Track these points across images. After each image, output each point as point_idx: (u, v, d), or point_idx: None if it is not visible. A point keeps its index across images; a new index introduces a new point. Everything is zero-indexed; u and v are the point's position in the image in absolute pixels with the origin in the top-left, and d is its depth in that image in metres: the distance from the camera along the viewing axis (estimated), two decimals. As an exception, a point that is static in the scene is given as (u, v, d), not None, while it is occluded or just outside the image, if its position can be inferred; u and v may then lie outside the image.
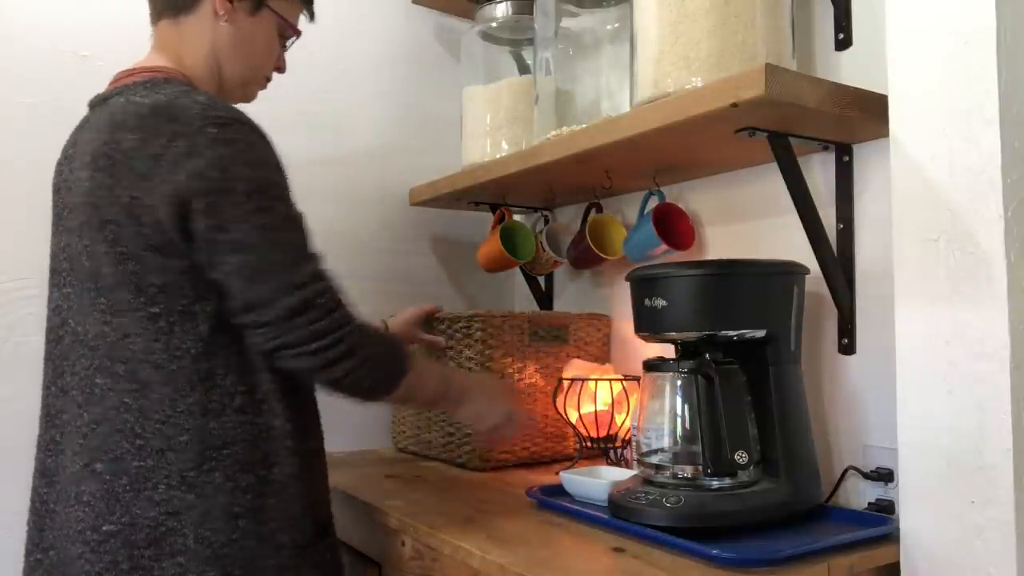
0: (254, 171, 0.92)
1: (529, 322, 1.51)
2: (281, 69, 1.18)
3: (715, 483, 1.02)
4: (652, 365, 1.11)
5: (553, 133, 1.37)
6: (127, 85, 0.99)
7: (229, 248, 0.90)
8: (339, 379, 0.95)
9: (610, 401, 1.42)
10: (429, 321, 1.55)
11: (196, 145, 0.89)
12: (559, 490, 1.20)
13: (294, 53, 1.67)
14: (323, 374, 0.95)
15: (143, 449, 0.90)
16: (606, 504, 1.09)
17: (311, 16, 1.20)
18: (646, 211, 1.42)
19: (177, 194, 0.88)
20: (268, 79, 1.17)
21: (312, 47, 1.71)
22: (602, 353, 1.61)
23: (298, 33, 1.16)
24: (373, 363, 0.97)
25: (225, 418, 0.93)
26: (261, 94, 1.63)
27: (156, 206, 0.89)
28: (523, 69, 1.71)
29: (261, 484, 0.94)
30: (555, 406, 1.48)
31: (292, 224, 0.95)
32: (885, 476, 1.09)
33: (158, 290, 0.91)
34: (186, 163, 0.88)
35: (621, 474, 1.20)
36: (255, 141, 0.94)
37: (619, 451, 1.45)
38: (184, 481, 0.91)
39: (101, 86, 1.04)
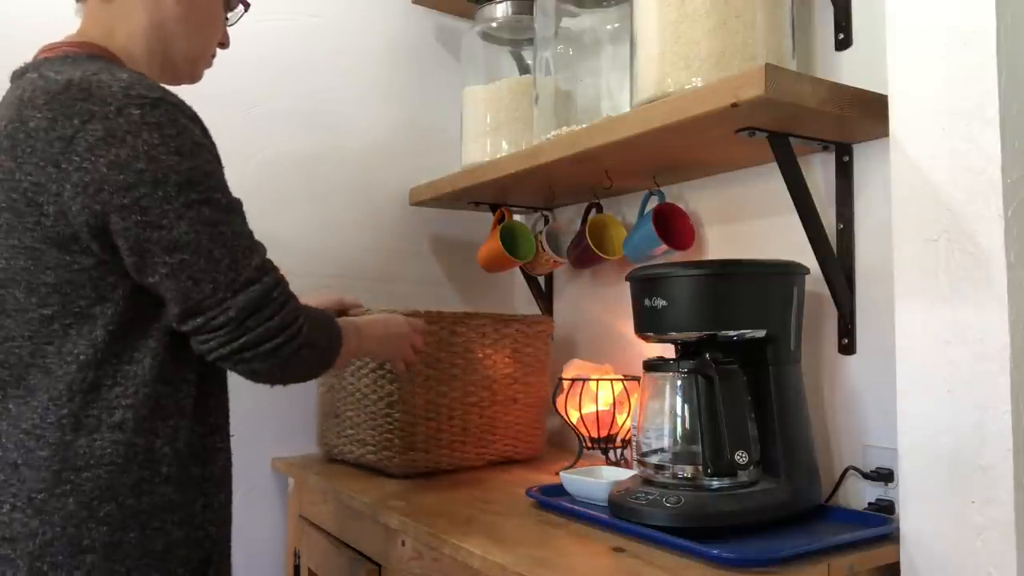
0: (186, 160, 0.83)
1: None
2: (224, 44, 1.09)
3: (715, 483, 1.02)
4: (652, 365, 1.11)
5: (553, 133, 1.37)
6: (46, 59, 0.89)
7: (164, 248, 0.81)
8: (292, 373, 0.91)
9: (611, 401, 1.42)
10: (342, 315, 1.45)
11: (115, 129, 0.79)
12: (559, 490, 1.20)
13: (294, 52, 1.69)
14: (277, 370, 0.89)
15: (1, 460, 0.82)
16: (606, 504, 1.09)
17: None
18: (646, 211, 1.42)
19: (95, 185, 0.79)
20: (213, 55, 1.08)
21: (312, 47, 1.71)
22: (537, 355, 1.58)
23: (246, 5, 1.09)
24: (321, 350, 0.94)
25: (98, 435, 0.83)
26: (262, 94, 1.64)
27: (64, 196, 0.80)
28: (523, 69, 1.71)
29: (123, 515, 0.84)
30: (555, 406, 1.48)
31: (231, 215, 0.87)
32: (885, 476, 1.09)
33: (51, 290, 0.82)
34: (105, 150, 0.79)
35: (621, 474, 1.20)
36: (186, 125, 0.84)
37: (619, 451, 1.45)
38: (31, 503, 0.81)
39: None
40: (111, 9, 0.95)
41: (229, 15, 1.08)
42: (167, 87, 0.88)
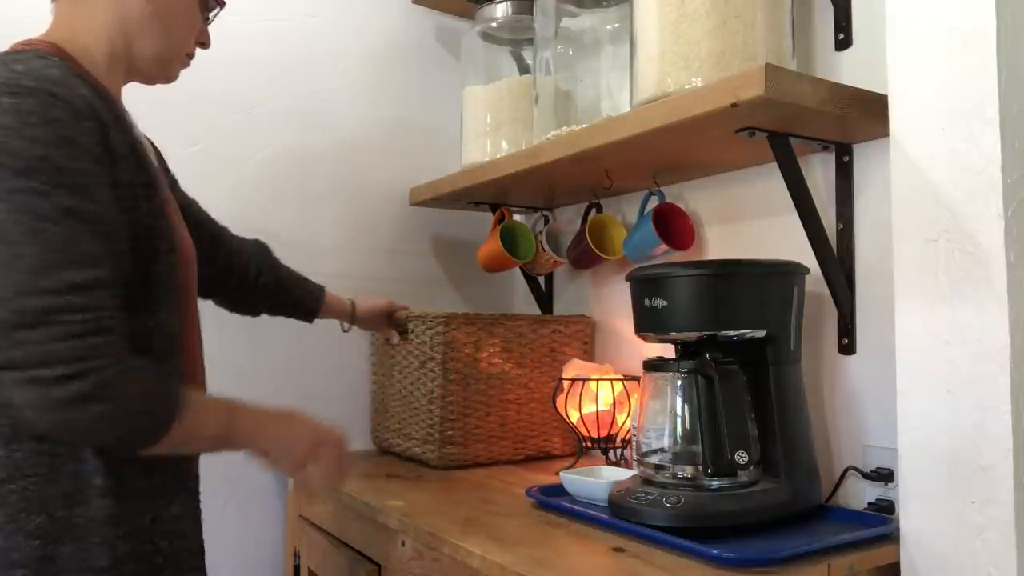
0: (38, 148, 0.77)
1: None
2: (205, 44, 1.05)
3: (715, 483, 1.02)
4: (652, 365, 1.11)
5: (553, 133, 1.37)
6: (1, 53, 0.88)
7: None
8: (74, 424, 0.76)
9: (611, 401, 1.42)
10: (391, 316, 1.57)
11: None
12: (559, 490, 1.20)
13: (294, 53, 1.69)
14: (50, 413, 0.74)
15: None
16: (606, 504, 1.09)
17: None
18: (646, 211, 1.42)
19: None
20: (190, 55, 1.04)
21: (312, 47, 1.71)
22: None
23: (221, 4, 1.05)
24: (128, 410, 0.78)
25: (16, 446, 0.79)
26: (262, 94, 1.64)
27: None
28: (523, 69, 1.71)
29: (55, 528, 0.80)
30: (555, 406, 1.48)
31: (69, 221, 0.77)
32: (885, 476, 1.09)
33: None
34: None
35: (621, 474, 1.20)
36: (60, 118, 0.79)
37: (619, 451, 1.45)
38: None
39: None
40: (76, 8, 0.94)
41: (209, 14, 1.05)
42: (101, 86, 0.86)
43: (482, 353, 1.51)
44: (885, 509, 1.09)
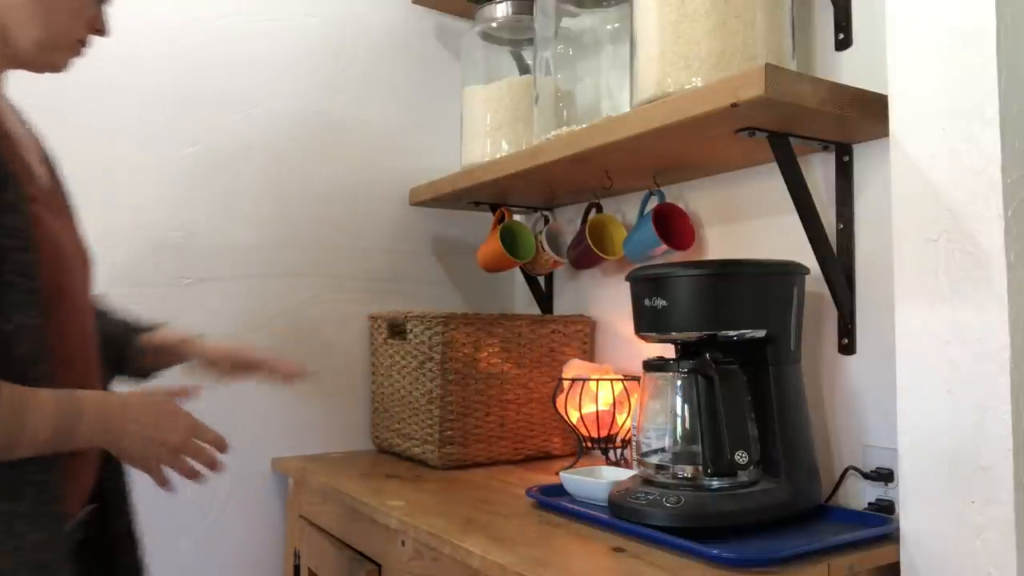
0: None
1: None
2: (101, 32, 0.98)
3: (715, 483, 1.02)
4: (652, 365, 1.11)
5: (553, 133, 1.37)
6: None
7: None
8: None
9: (611, 401, 1.42)
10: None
11: None
12: (559, 490, 1.20)
13: (294, 52, 1.69)
14: None
15: None
16: (606, 504, 1.09)
17: None
18: (646, 211, 1.42)
19: None
20: (82, 43, 0.97)
21: (312, 46, 1.71)
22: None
23: None
24: None
25: None
26: (262, 94, 1.64)
27: None
28: (523, 69, 1.71)
29: None
30: (555, 406, 1.48)
31: None
32: (885, 476, 1.09)
33: None
34: None
35: (621, 474, 1.20)
36: None
37: (619, 451, 1.45)
38: None
39: None
40: None
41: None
42: None
43: (481, 353, 1.52)
44: (885, 509, 1.09)
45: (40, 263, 0.85)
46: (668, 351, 1.16)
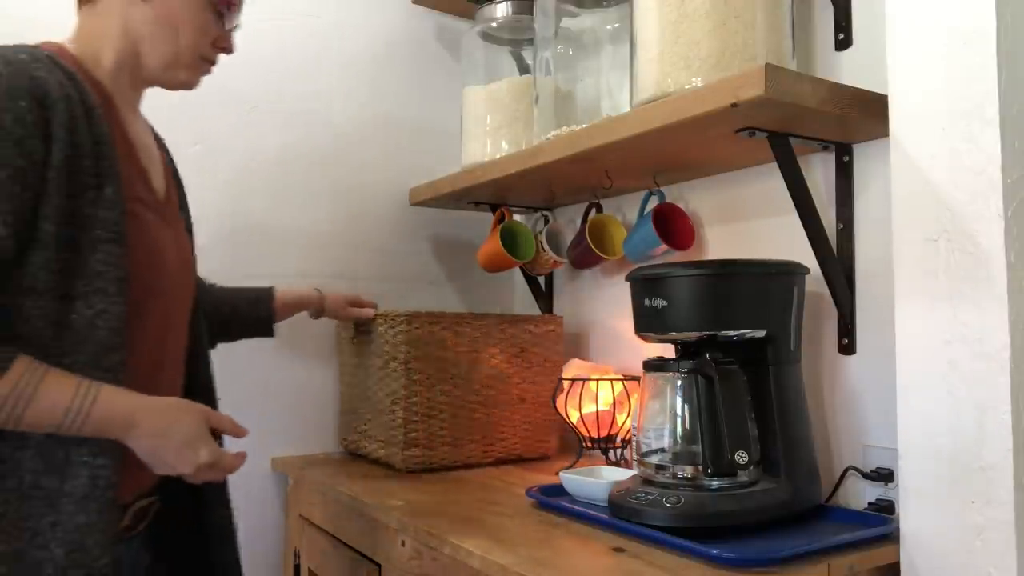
0: None
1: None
2: (227, 49, 1.05)
3: (715, 483, 1.02)
4: (652, 365, 1.11)
5: (553, 133, 1.37)
6: None
7: None
8: None
9: (611, 401, 1.42)
10: (354, 303, 1.53)
11: None
12: (559, 490, 1.20)
13: (294, 52, 1.69)
14: None
15: None
16: (606, 504, 1.09)
17: None
18: (646, 211, 1.42)
19: None
20: (210, 61, 1.04)
21: (312, 46, 1.71)
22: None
23: (229, 5, 1.03)
24: None
25: None
26: (262, 94, 1.64)
27: None
28: (523, 69, 1.71)
29: None
30: (555, 406, 1.48)
31: None
32: (885, 476, 1.10)
33: None
34: None
35: (621, 474, 1.20)
36: None
37: (619, 451, 1.45)
38: None
39: None
40: (92, 16, 0.98)
41: (226, 20, 1.04)
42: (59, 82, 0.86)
43: (447, 353, 1.46)
44: (885, 509, 1.09)
45: (130, 257, 0.90)
46: (668, 351, 1.16)
